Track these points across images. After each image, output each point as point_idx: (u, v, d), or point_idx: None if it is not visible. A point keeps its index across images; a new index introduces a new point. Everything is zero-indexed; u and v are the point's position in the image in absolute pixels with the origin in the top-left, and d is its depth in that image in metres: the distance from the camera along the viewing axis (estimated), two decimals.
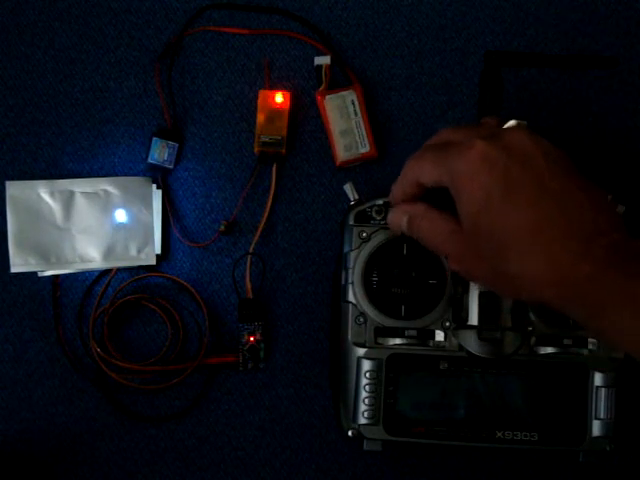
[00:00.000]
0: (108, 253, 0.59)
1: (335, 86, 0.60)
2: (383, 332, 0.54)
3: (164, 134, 0.60)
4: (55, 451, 0.60)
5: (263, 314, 0.60)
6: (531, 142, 0.42)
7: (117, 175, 0.60)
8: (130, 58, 0.61)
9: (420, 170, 0.45)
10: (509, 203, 0.40)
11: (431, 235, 0.45)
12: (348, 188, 0.56)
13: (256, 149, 0.60)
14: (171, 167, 0.60)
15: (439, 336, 0.54)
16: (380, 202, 0.55)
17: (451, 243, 0.44)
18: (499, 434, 0.53)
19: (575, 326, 0.53)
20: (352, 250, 0.54)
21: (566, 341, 0.53)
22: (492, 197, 0.41)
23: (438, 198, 0.45)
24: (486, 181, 0.41)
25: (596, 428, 0.53)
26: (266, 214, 0.60)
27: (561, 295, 0.40)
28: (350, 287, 0.54)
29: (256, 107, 0.60)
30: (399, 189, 0.47)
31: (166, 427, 0.60)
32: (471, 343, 0.53)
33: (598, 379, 0.53)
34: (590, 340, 0.54)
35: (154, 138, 0.59)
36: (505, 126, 0.45)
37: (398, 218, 0.47)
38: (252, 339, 0.59)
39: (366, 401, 0.53)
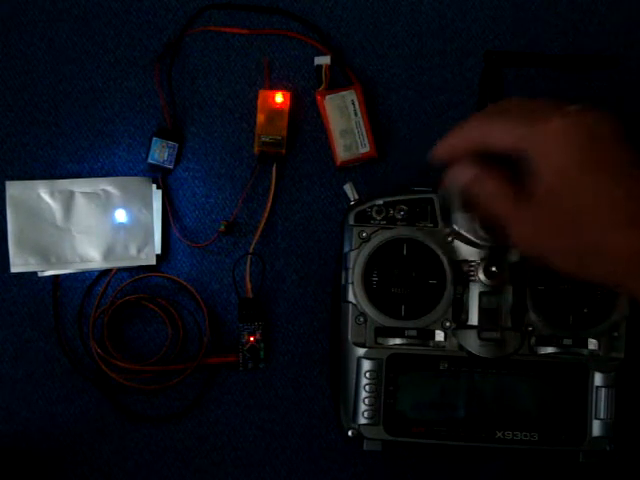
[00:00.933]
0: (108, 253, 0.59)
1: (335, 86, 0.60)
2: (383, 332, 0.54)
3: (164, 134, 0.60)
4: (55, 451, 0.60)
5: (263, 314, 0.60)
6: (607, 122, 0.41)
7: (117, 175, 0.60)
8: (130, 58, 0.61)
9: (490, 131, 0.43)
10: (597, 178, 0.40)
11: (498, 199, 0.43)
12: (348, 188, 0.56)
13: (256, 149, 0.60)
14: (171, 167, 0.60)
15: (439, 336, 0.54)
16: (380, 202, 0.55)
17: (520, 210, 0.42)
18: (499, 434, 0.53)
19: (575, 326, 0.53)
20: (352, 250, 0.54)
21: (566, 341, 0.53)
22: (580, 170, 0.40)
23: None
24: (573, 155, 0.40)
25: (596, 428, 0.53)
26: (266, 214, 0.60)
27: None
28: (350, 287, 0.54)
29: (256, 107, 0.60)
30: (455, 143, 0.45)
31: (166, 427, 0.60)
32: (471, 343, 0.53)
33: (598, 379, 0.53)
34: (590, 340, 0.54)
35: (154, 138, 0.59)
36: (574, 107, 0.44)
37: (461, 175, 0.44)
38: (252, 339, 0.59)
39: (366, 401, 0.53)
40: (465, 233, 0.53)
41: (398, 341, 0.53)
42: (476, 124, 0.44)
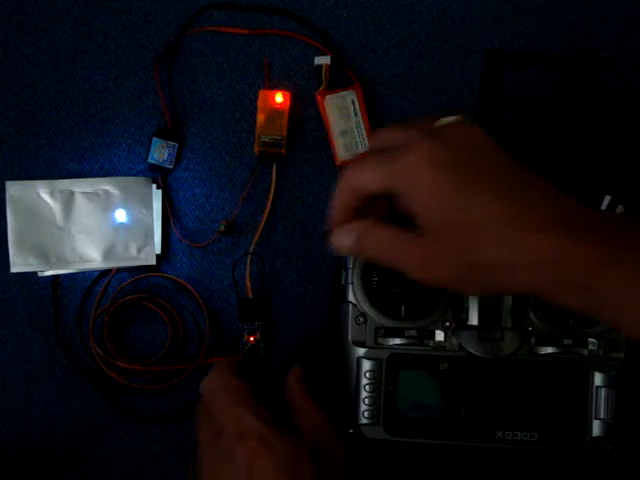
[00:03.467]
0: (108, 253, 0.59)
1: (335, 86, 0.60)
2: (383, 332, 0.54)
3: (164, 134, 0.60)
4: (55, 451, 0.60)
5: (263, 314, 0.60)
6: (473, 136, 0.41)
7: (117, 175, 0.60)
8: (130, 58, 0.61)
9: (363, 178, 0.43)
10: (469, 196, 0.40)
11: (384, 249, 0.43)
12: None
13: (256, 149, 0.60)
14: (171, 167, 0.60)
15: (439, 336, 0.54)
16: None
17: (408, 251, 0.42)
18: (499, 434, 0.53)
19: (575, 326, 0.53)
20: None
21: (566, 341, 0.53)
22: (450, 193, 0.40)
23: (378, 212, 0.44)
24: (440, 178, 0.40)
25: (596, 428, 0.53)
26: (266, 214, 0.60)
27: (542, 277, 0.39)
28: (350, 287, 0.54)
29: (256, 107, 0.60)
30: (341, 203, 0.44)
31: (166, 427, 0.60)
32: (471, 343, 0.53)
33: (598, 379, 0.53)
34: (590, 340, 0.54)
35: (154, 138, 0.59)
36: (444, 121, 0.43)
37: (343, 238, 0.44)
38: (252, 339, 0.59)
39: (366, 401, 0.53)
40: None
41: (398, 341, 0.53)
42: (352, 173, 0.43)
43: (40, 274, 0.59)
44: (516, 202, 0.40)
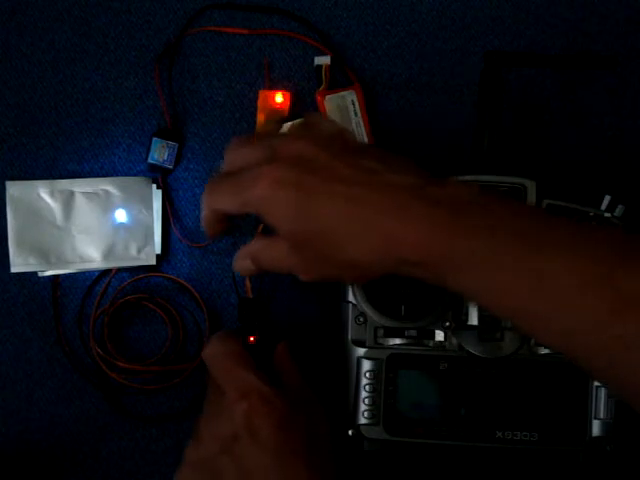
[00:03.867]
0: (108, 253, 0.59)
1: (335, 86, 0.60)
2: (383, 332, 0.54)
3: (164, 134, 0.60)
4: (55, 451, 0.60)
5: (263, 314, 0.60)
6: (307, 145, 0.44)
7: (117, 175, 0.60)
8: (130, 58, 0.61)
9: (220, 203, 0.46)
10: (316, 207, 0.42)
11: (276, 262, 0.47)
12: None
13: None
14: (171, 167, 0.60)
15: (439, 336, 0.54)
16: None
17: (293, 258, 0.45)
18: (499, 434, 0.53)
19: None
20: None
21: None
22: (300, 208, 0.43)
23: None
24: (287, 197, 0.43)
25: (596, 428, 0.53)
26: None
27: (391, 262, 0.43)
28: (350, 287, 0.54)
29: (256, 107, 0.60)
30: (208, 224, 0.48)
31: (166, 427, 0.60)
32: (471, 343, 0.53)
33: None
34: None
35: (154, 138, 0.59)
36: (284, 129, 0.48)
37: (243, 264, 0.48)
38: (252, 339, 0.59)
39: (366, 401, 0.53)
40: None
41: (398, 341, 0.53)
42: (211, 199, 0.47)
43: (40, 274, 0.59)
44: (353, 199, 0.42)
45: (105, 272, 0.60)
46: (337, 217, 0.42)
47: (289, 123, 0.48)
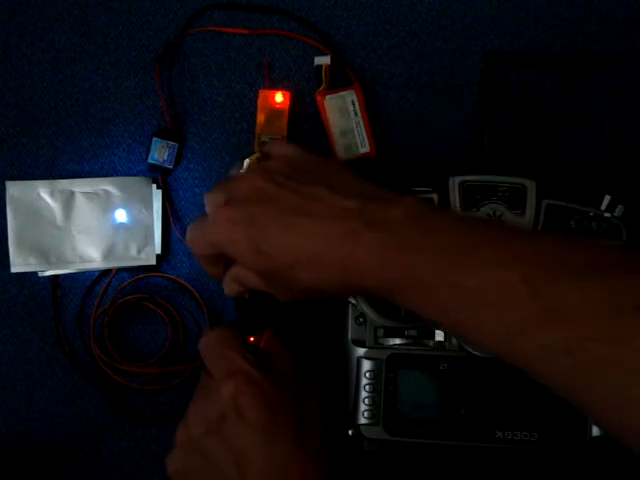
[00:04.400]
0: (108, 253, 0.59)
1: (335, 86, 0.60)
2: (383, 332, 0.54)
3: (164, 134, 0.60)
4: (55, 451, 0.60)
5: (263, 315, 0.60)
6: (255, 179, 0.46)
7: (117, 175, 0.60)
8: (130, 58, 0.61)
9: (198, 248, 0.49)
10: (268, 242, 0.45)
11: (255, 285, 0.48)
12: None
13: (256, 149, 0.60)
14: (171, 167, 0.60)
15: (439, 336, 0.54)
16: None
17: (263, 285, 0.48)
18: (499, 434, 0.53)
19: None
20: None
21: None
22: (253, 244, 0.45)
23: None
24: (241, 235, 0.45)
25: (596, 428, 0.53)
26: None
27: (358, 287, 0.44)
28: None
29: (256, 107, 0.60)
30: (201, 260, 0.50)
31: (166, 427, 0.60)
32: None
33: None
34: None
35: (154, 138, 0.59)
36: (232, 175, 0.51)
37: (232, 287, 0.50)
38: (252, 339, 0.59)
39: (366, 401, 0.53)
40: None
41: (398, 341, 0.53)
42: (189, 244, 0.50)
43: (40, 274, 0.59)
44: (301, 232, 0.44)
45: (105, 272, 0.60)
46: (289, 250, 0.44)
47: (247, 160, 0.53)
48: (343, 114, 0.60)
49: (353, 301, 0.54)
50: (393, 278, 0.43)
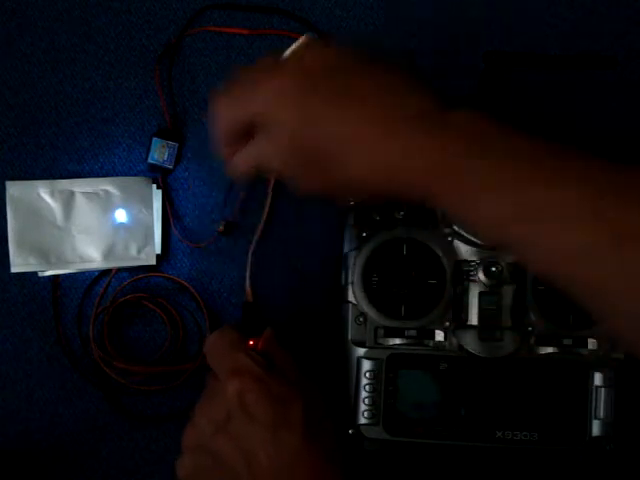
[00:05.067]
0: (108, 253, 0.59)
1: None
2: (383, 332, 0.54)
3: (164, 134, 0.60)
4: (55, 451, 0.60)
5: (263, 314, 0.60)
6: (314, 59, 0.43)
7: (117, 175, 0.60)
8: (130, 58, 0.61)
9: (230, 115, 0.45)
10: (327, 114, 0.42)
11: (277, 160, 0.45)
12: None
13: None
14: (171, 167, 0.60)
15: (439, 336, 0.54)
16: (380, 202, 0.55)
17: (293, 160, 0.44)
18: (499, 434, 0.53)
19: (575, 326, 0.53)
20: (352, 250, 0.54)
21: (566, 341, 0.53)
22: (309, 111, 0.42)
23: None
24: (298, 98, 0.42)
25: (596, 428, 0.53)
26: (265, 214, 0.60)
27: (395, 184, 0.42)
28: (350, 287, 0.54)
29: None
30: (223, 132, 0.46)
31: (166, 427, 0.60)
32: (471, 343, 0.53)
33: (598, 379, 0.53)
34: (590, 340, 0.54)
35: (154, 138, 0.59)
36: (289, 52, 0.46)
37: (246, 163, 0.46)
38: (251, 342, 0.59)
39: (366, 401, 0.53)
40: (465, 233, 0.53)
41: (398, 341, 0.53)
42: (224, 104, 0.46)
43: (40, 274, 0.59)
44: (364, 118, 0.41)
45: (105, 272, 0.60)
46: (345, 131, 0.41)
47: (294, 45, 0.47)
48: None
49: (353, 301, 0.54)
50: (451, 182, 0.40)
